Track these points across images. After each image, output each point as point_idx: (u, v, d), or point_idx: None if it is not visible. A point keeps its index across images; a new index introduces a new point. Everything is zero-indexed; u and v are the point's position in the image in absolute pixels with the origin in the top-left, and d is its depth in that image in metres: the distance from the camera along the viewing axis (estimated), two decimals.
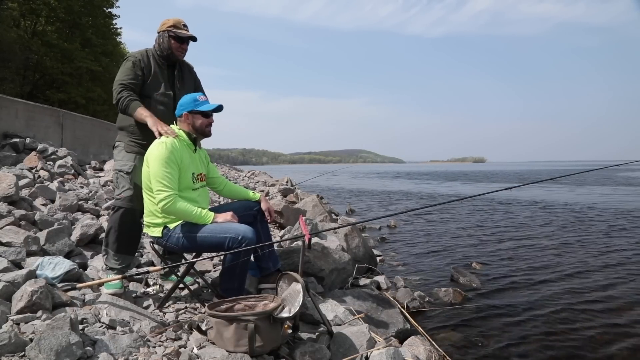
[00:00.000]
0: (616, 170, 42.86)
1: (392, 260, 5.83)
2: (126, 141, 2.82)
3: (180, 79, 2.95)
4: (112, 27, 21.77)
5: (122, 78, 2.72)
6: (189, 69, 3.07)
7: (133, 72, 2.74)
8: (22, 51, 15.76)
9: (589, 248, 6.60)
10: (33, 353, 1.74)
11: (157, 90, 2.80)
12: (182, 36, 2.80)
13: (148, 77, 2.79)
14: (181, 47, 2.84)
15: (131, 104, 2.66)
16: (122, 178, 2.78)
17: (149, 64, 2.81)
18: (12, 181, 3.76)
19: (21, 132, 7.89)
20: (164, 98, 2.82)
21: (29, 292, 2.11)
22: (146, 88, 2.78)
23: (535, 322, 3.60)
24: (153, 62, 2.83)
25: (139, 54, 2.82)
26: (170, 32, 2.79)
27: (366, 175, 49.95)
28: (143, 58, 2.81)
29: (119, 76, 2.74)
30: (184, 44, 2.84)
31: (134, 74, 2.73)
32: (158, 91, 2.80)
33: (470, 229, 8.55)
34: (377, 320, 3.03)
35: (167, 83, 2.86)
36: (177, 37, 2.79)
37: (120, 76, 2.74)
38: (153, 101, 2.78)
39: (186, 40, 2.84)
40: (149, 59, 2.83)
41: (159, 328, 2.32)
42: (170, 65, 2.91)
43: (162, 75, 2.84)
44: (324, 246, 3.71)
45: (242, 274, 2.57)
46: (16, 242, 2.84)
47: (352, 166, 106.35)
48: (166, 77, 2.87)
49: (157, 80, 2.81)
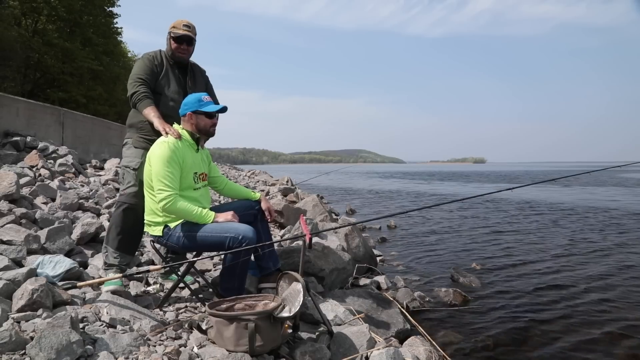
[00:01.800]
0: (618, 171, 42.93)
1: (392, 260, 5.83)
2: (135, 137, 2.86)
3: (192, 79, 2.99)
4: (113, 26, 21.77)
5: (139, 72, 2.77)
6: (201, 72, 3.12)
7: (149, 68, 2.80)
8: (23, 50, 15.74)
9: (590, 249, 6.60)
10: (33, 351, 1.74)
11: (168, 87, 2.85)
12: (178, 36, 2.83)
13: (160, 75, 2.85)
14: (180, 47, 2.86)
15: (144, 100, 2.70)
16: (127, 174, 2.80)
17: (162, 62, 2.88)
18: (13, 179, 3.76)
19: (22, 131, 7.88)
20: (175, 95, 2.86)
21: (30, 290, 2.11)
22: (158, 85, 2.84)
23: (535, 322, 3.60)
24: (165, 62, 2.90)
25: (154, 53, 2.91)
26: (171, 32, 2.86)
27: (366, 175, 49.94)
28: (157, 56, 2.89)
29: (135, 70, 2.80)
30: (182, 44, 2.86)
31: (150, 70, 2.80)
32: (169, 88, 2.85)
33: (471, 230, 8.54)
34: (377, 321, 3.03)
35: (179, 81, 2.91)
36: (175, 37, 2.84)
37: (137, 70, 2.79)
38: (164, 97, 2.83)
39: (186, 40, 2.85)
40: (162, 58, 2.90)
41: (159, 327, 2.32)
42: (181, 67, 2.96)
43: (173, 74, 2.90)
44: (324, 246, 3.71)
45: (243, 274, 2.57)
46: (17, 240, 2.84)
47: (352, 166, 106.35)
48: (177, 76, 2.92)
49: (168, 78, 2.87)
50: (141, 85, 2.73)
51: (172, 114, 2.78)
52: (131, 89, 2.75)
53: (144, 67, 2.79)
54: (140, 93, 2.71)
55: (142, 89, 2.72)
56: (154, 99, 2.76)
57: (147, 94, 2.73)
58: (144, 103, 2.69)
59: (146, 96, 2.72)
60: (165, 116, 2.72)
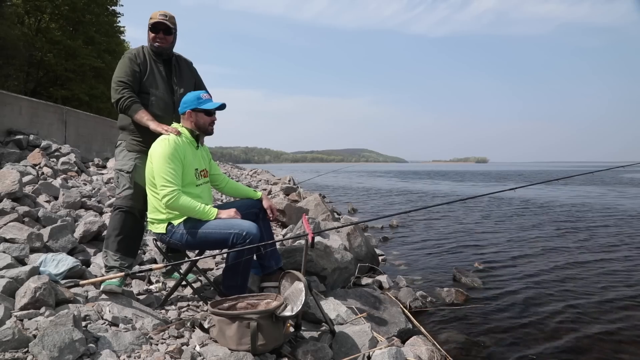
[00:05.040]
0: (621, 171, 42.80)
1: (394, 259, 5.83)
2: (128, 140, 2.81)
3: (178, 73, 2.91)
4: (116, 25, 21.82)
5: (121, 75, 2.69)
6: (187, 64, 3.03)
7: (130, 69, 2.71)
8: (26, 48, 15.79)
9: (592, 249, 6.57)
10: (36, 349, 1.75)
11: (155, 86, 2.78)
12: (153, 24, 2.74)
13: (145, 73, 2.77)
14: (157, 37, 2.77)
15: (132, 105, 2.64)
16: (122, 177, 2.76)
17: (144, 59, 2.79)
18: (16, 178, 3.77)
19: (25, 129, 7.90)
20: (162, 93, 2.80)
21: (33, 288, 2.11)
22: (144, 84, 2.76)
23: (537, 322, 3.59)
24: (148, 58, 2.81)
25: (135, 50, 2.82)
26: (149, 24, 2.77)
27: (369, 174, 49.91)
28: (139, 54, 2.79)
29: (117, 73, 2.71)
30: (159, 33, 2.76)
31: (131, 71, 2.71)
32: (155, 86, 2.78)
33: (473, 229, 8.53)
34: (379, 320, 3.02)
35: (164, 78, 2.83)
36: (151, 26, 2.76)
37: (119, 73, 2.71)
38: (151, 96, 2.76)
39: (162, 29, 2.75)
40: (144, 55, 2.81)
41: (161, 325, 2.32)
42: (165, 60, 2.88)
43: (157, 71, 2.82)
44: (326, 245, 3.71)
45: (245, 272, 2.57)
46: (20, 238, 2.84)
47: (354, 165, 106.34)
48: (163, 73, 2.84)
49: (153, 75, 2.79)
50: (124, 89, 2.65)
51: (162, 113, 2.73)
52: (116, 95, 2.66)
53: (125, 69, 2.70)
54: (127, 99, 2.64)
55: (127, 94, 2.65)
56: (142, 100, 2.69)
57: (133, 98, 2.65)
58: (133, 108, 2.63)
59: (133, 101, 2.64)
60: (156, 117, 2.67)
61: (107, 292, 2.46)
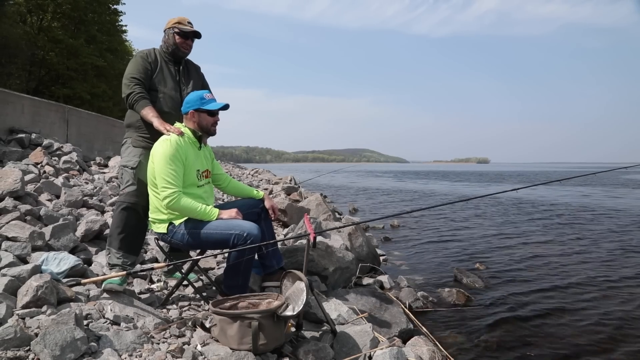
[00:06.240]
0: (623, 172, 42.71)
1: (395, 259, 5.83)
2: (134, 137, 2.84)
3: (187, 75, 2.99)
4: (118, 24, 21.84)
5: (133, 72, 2.76)
6: (196, 68, 3.11)
7: (143, 66, 2.78)
8: (28, 47, 15.80)
9: (594, 249, 6.56)
10: (38, 348, 1.75)
11: (163, 84, 2.84)
12: (186, 32, 2.87)
13: (155, 72, 2.84)
14: (185, 43, 2.89)
15: (141, 100, 2.68)
16: (126, 173, 2.78)
17: (156, 59, 2.87)
18: (18, 176, 3.77)
19: (27, 128, 7.91)
20: (171, 92, 2.85)
21: (34, 287, 2.11)
22: (153, 81, 2.82)
23: (539, 322, 3.59)
24: (160, 59, 2.89)
25: (147, 51, 2.90)
26: (175, 28, 2.87)
27: (370, 174, 49.89)
28: (150, 54, 2.88)
29: (129, 70, 2.78)
30: (188, 40, 2.90)
31: (143, 68, 2.78)
32: (164, 84, 2.84)
33: (474, 230, 8.52)
34: (380, 320, 3.02)
35: (173, 76, 2.91)
36: (182, 32, 2.86)
37: (131, 69, 2.77)
38: (159, 93, 2.82)
39: (190, 36, 2.90)
40: (156, 56, 2.89)
41: (162, 325, 2.32)
42: (176, 62, 2.96)
43: (168, 71, 2.89)
44: (327, 245, 3.71)
45: (247, 272, 2.57)
46: (22, 237, 2.85)
47: (355, 165, 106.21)
48: (172, 72, 2.92)
49: (162, 73, 2.86)
50: (136, 86, 2.71)
51: (169, 110, 2.79)
52: (126, 90, 2.72)
53: (138, 66, 2.77)
54: (137, 94, 2.68)
55: (138, 89, 2.70)
56: (150, 97, 2.75)
57: (143, 94, 2.70)
58: (141, 104, 2.67)
59: (142, 96, 2.69)
60: (163, 113, 2.72)
61: (108, 290, 2.48)
